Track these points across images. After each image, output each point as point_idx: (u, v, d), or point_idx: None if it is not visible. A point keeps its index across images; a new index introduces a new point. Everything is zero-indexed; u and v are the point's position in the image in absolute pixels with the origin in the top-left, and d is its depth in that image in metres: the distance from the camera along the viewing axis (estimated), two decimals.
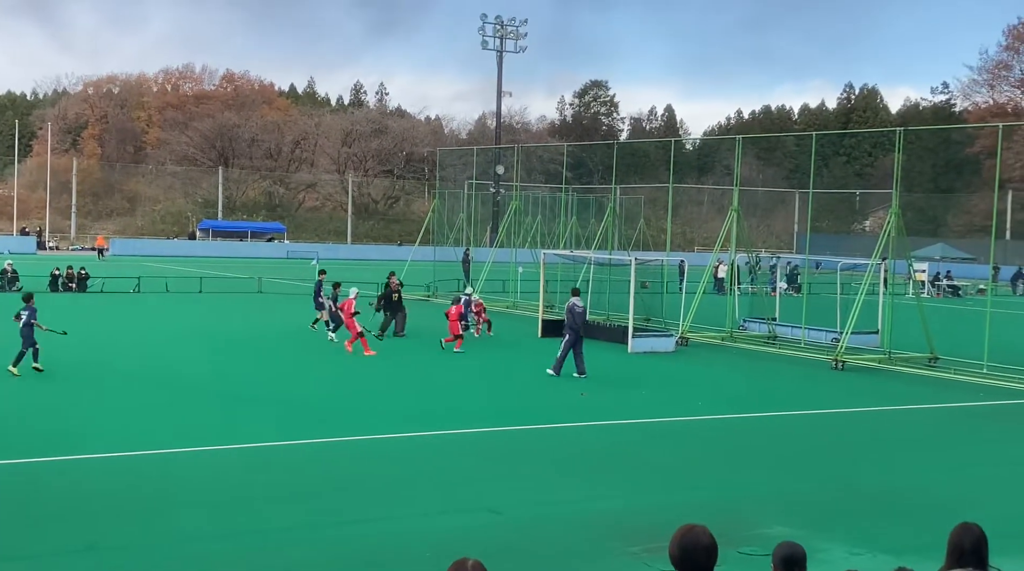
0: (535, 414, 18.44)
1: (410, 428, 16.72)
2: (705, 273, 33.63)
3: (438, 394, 20.51)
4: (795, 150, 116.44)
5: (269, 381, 21.38)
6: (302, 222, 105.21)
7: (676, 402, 20.47)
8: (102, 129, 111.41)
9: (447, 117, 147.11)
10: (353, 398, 19.64)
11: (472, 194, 56.00)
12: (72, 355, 23.94)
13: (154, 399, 18.78)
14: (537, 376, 23.28)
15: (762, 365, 26.82)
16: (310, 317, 30.72)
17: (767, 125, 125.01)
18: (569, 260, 36.66)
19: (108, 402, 18.39)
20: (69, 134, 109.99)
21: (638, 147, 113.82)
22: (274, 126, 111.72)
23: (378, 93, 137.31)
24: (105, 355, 24.11)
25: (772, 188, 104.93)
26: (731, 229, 32.02)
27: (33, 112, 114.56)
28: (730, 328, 31.89)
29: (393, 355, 25.92)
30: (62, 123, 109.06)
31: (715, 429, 18.00)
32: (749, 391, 22.52)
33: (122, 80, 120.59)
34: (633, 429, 17.65)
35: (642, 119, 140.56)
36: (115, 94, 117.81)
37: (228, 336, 28.82)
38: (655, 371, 24.76)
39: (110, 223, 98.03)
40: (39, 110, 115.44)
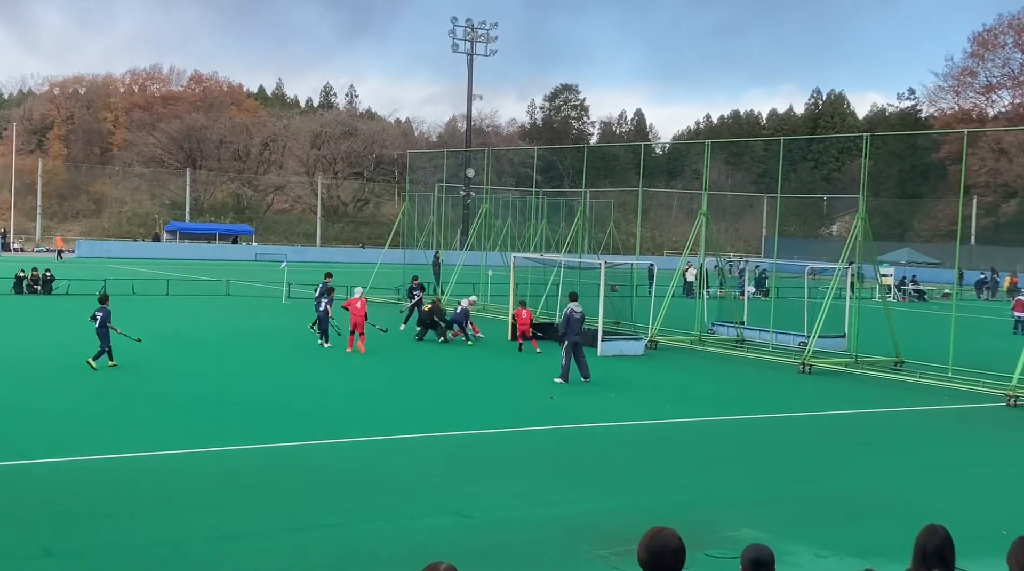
0: (503, 417, 18.43)
1: (377, 432, 16.67)
2: (674, 277, 33.76)
3: (405, 398, 20.45)
4: (763, 155, 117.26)
5: (237, 384, 21.23)
6: (271, 224, 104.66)
7: (645, 405, 20.52)
8: (68, 130, 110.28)
9: (417, 120, 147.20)
10: (321, 402, 19.54)
11: (442, 197, 55.90)
12: (39, 358, 23.68)
13: (120, 402, 18.60)
14: (506, 379, 23.27)
15: (730, 369, 26.94)
16: (280, 320, 30.56)
17: (736, 130, 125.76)
18: (539, 263, 36.67)
19: (73, 405, 18.20)
20: (34, 135, 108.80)
21: (608, 151, 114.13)
22: (242, 128, 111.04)
23: (348, 95, 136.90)
24: (71, 358, 23.85)
25: (741, 192, 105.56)
26: (700, 233, 32.18)
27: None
28: (699, 332, 32.05)
29: (358, 360, 25.81)
30: (27, 123, 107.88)
31: (683, 432, 18.07)
32: (717, 394, 22.62)
33: (89, 80, 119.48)
34: (602, 432, 17.68)
35: (612, 123, 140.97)
36: (81, 95, 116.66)
37: (196, 338, 28.60)
38: (624, 374, 24.81)
39: (76, 225, 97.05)
40: (3, 110, 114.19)
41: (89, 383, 20.63)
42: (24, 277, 41.47)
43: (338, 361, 25.26)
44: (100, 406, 18.20)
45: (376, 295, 42.65)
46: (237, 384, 21.26)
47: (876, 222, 55.58)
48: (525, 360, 26.68)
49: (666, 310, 31.03)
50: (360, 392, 20.89)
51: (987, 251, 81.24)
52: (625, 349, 28.47)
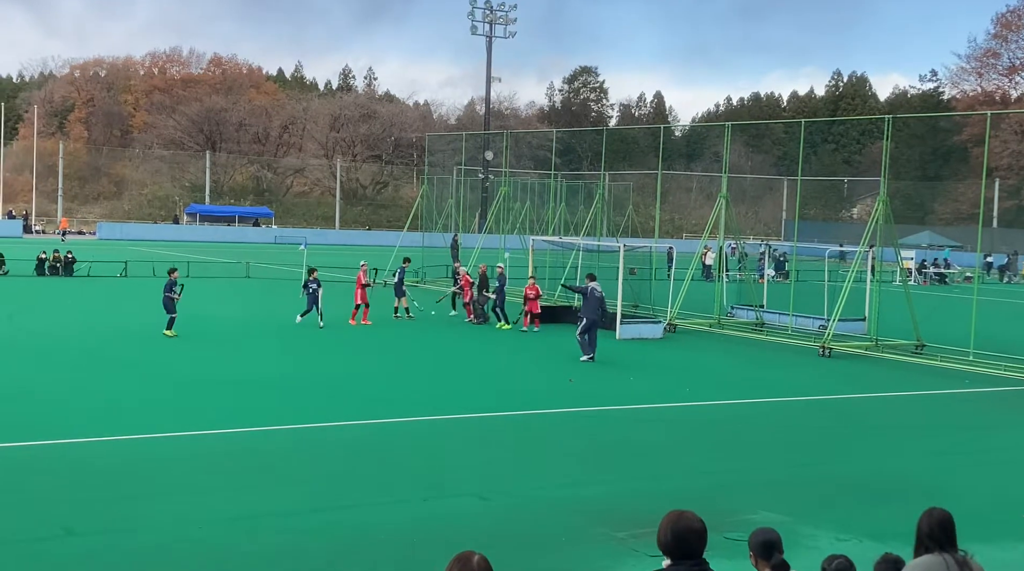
0: (522, 400, 18.47)
1: (396, 414, 16.73)
2: (693, 260, 33.65)
3: (424, 379, 20.51)
4: (784, 137, 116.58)
5: (257, 365, 21.32)
6: (290, 207, 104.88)
7: (663, 389, 20.52)
8: (89, 112, 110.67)
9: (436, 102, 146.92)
10: (340, 383, 19.62)
11: (461, 180, 55.90)
12: (63, 338, 23.86)
13: (143, 384, 18.73)
14: (523, 361, 23.30)
15: (749, 352, 26.88)
16: (299, 302, 30.65)
17: (756, 112, 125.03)
18: (558, 246, 36.65)
19: (99, 387, 18.34)
20: (56, 117, 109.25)
21: (627, 134, 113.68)
22: (262, 110, 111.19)
23: (367, 78, 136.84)
24: (94, 339, 24.02)
25: (761, 175, 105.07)
26: (719, 216, 32.05)
27: (19, 95, 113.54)
28: (718, 315, 31.97)
29: (378, 341, 25.88)
30: (48, 106, 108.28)
31: (702, 416, 18.05)
32: (736, 378, 22.57)
33: (109, 63, 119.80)
34: (620, 415, 17.69)
35: (631, 106, 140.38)
36: (102, 77, 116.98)
37: (217, 320, 28.73)
38: (643, 357, 24.79)
39: (97, 207, 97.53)
40: (25, 93, 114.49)
41: (111, 364, 20.78)
42: (46, 259, 41.75)
43: (356, 342, 25.33)
44: (122, 387, 18.33)
45: None
46: (256, 365, 21.35)
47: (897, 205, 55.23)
48: (542, 341, 26.70)
49: (685, 293, 30.96)
50: (378, 374, 20.95)
51: (1009, 234, 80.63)
52: (644, 332, 28.44)
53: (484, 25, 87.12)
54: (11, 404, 16.54)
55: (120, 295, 35.30)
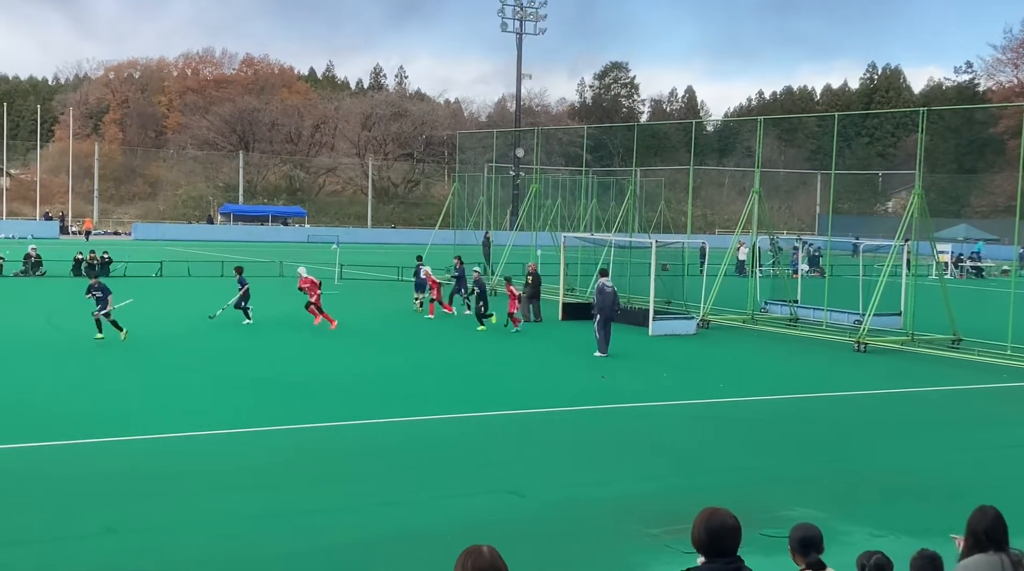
0: (555, 397, 18.50)
1: (431, 411, 16.81)
2: (726, 255, 33.52)
3: (458, 377, 20.60)
4: (817, 131, 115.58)
5: (291, 364, 21.49)
6: (323, 206, 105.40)
7: (697, 385, 20.48)
8: (123, 114, 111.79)
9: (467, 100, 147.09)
10: (373, 382, 19.73)
11: (492, 177, 55.88)
12: (94, 338, 24.14)
13: (182, 383, 18.95)
14: (557, 358, 23.33)
15: (784, 347, 26.77)
16: (332, 300, 30.87)
17: (789, 106, 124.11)
18: (589, 243, 36.62)
19: (135, 384, 18.57)
20: (91, 119, 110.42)
21: (658, 129, 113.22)
22: (294, 110, 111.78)
23: (397, 76, 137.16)
24: (132, 338, 24.31)
25: (794, 169, 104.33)
26: (752, 211, 31.91)
27: (55, 97, 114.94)
28: (751, 310, 31.83)
29: (407, 339, 25.99)
30: (83, 108, 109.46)
31: (735, 412, 18.01)
32: (770, 374, 22.50)
33: (143, 65, 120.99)
34: (654, 412, 17.68)
35: (663, 101, 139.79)
36: (136, 79, 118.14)
37: (254, 318, 28.94)
38: (676, 354, 24.77)
39: (132, 207, 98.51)
40: (60, 95, 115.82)
41: (147, 362, 21.02)
42: (83, 259, 42.23)
43: (385, 341, 25.45)
44: (159, 386, 18.54)
45: None
46: (291, 364, 21.51)
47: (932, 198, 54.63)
48: (574, 338, 26.71)
49: (718, 289, 30.86)
50: (410, 372, 21.04)
51: None
52: (677, 328, 28.38)
53: (514, 22, 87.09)
54: (49, 403, 16.79)
55: (155, 295, 35.65)
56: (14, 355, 21.61)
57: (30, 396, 17.34)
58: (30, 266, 41.42)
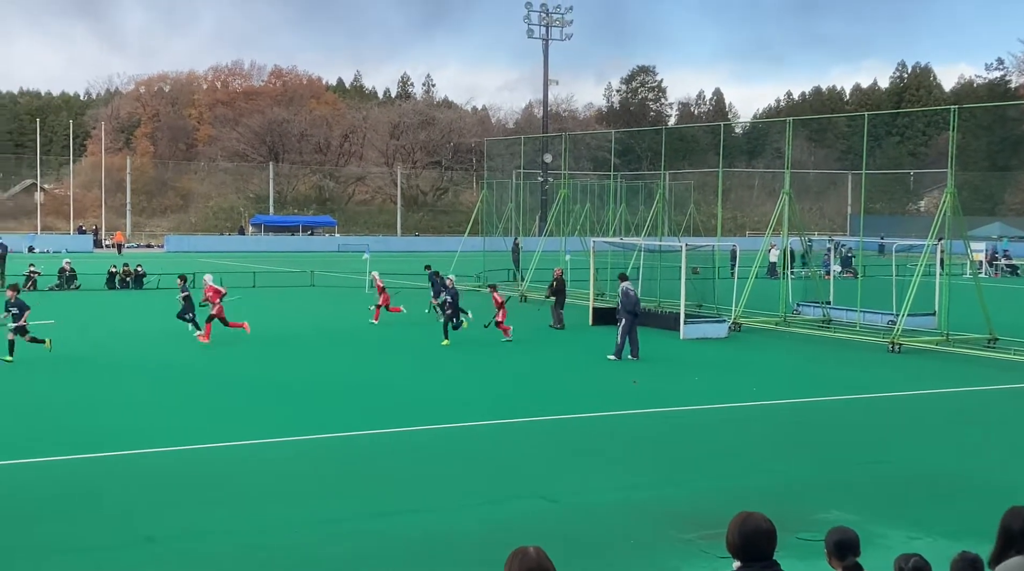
0: (587, 402, 18.45)
1: (462, 417, 16.82)
2: (757, 258, 33.35)
3: (486, 384, 20.60)
4: (847, 131, 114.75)
5: (322, 373, 21.58)
6: (352, 215, 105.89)
7: (729, 388, 20.37)
8: (154, 127, 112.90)
9: (494, 107, 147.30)
10: (403, 389, 19.76)
11: (520, 183, 55.96)
12: (134, 350, 24.35)
13: (216, 393, 19.08)
14: (589, 364, 23.30)
15: (817, 349, 26.59)
16: (362, 309, 31.06)
17: (818, 107, 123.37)
18: (619, 247, 36.55)
19: (163, 397, 18.72)
20: (122, 133, 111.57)
21: (687, 132, 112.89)
22: (322, 120, 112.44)
23: (425, 85, 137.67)
24: (165, 351, 24.50)
25: (824, 170, 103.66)
26: (783, 212, 31.73)
27: (87, 112, 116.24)
28: (783, 313, 31.64)
29: (433, 346, 26.02)
30: (115, 122, 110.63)
31: (769, 415, 17.89)
32: (804, 376, 22.35)
33: (173, 78, 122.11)
34: (686, 416, 17.61)
35: (690, 104, 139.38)
36: (166, 92, 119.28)
37: (284, 329, 29.13)
38: (708, 357, 24.67)
39: (164, 220, 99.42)
40: (92, 110, 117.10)
41: (184, 374, 21.18)
42: (116, 272, 42.65)
43: (414, 348, 25.49)
44: (194, 397, 18.67)
45: (457, 283, 42.85)
46: (320, 372, 21.59)
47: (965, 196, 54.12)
48: (604, 343, 26.64)
49: (749, 291, 30.70)
50: (440, 379, 21.07)
51: None
52: (708, 332, 28.27)
53: (540, 28, 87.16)
54: (85, 414, 16.95)
55: None
56: (50, 370, 21.83)
57: (62, 410, 17.51)
58: (64, 280, 41.86)
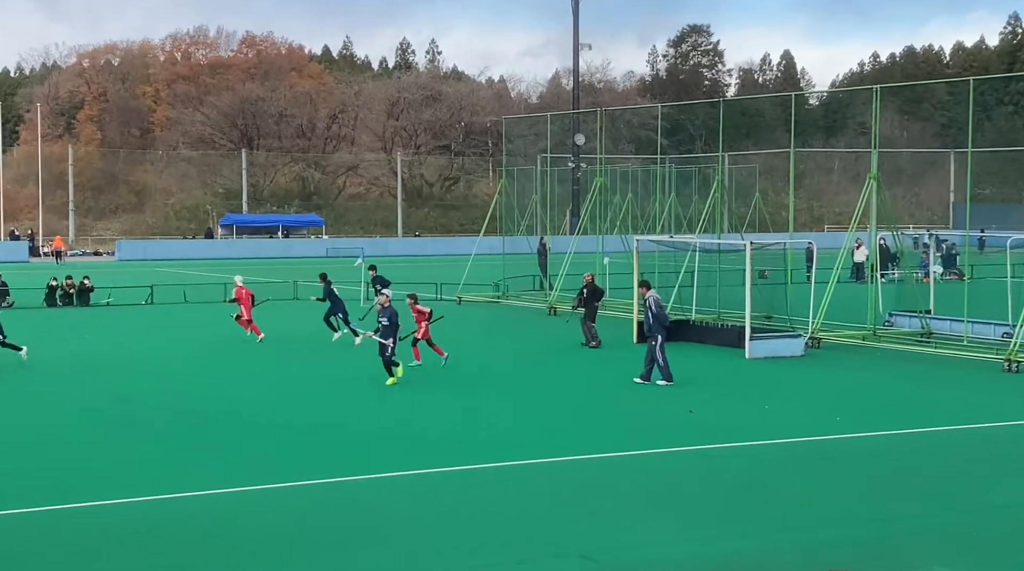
0: (631, 437, 18.42)
1: (481, 458, 16.81)
2: (839, 258, 33.23)
3: (512, 413, 20.58)
4: (948, 100, 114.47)
5: (308, 408, 21.64)
6: (343, 212, 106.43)
7: (807, 418, 20.31)
8: (101, 109, 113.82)
9: (513, 78, 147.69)
10: (402, 426, 19.75)
11: (546, 170, 56.09)
12: (83, 384, 24.50)
13: (190, 433, 19.17)
14: (632, 390, 23.28)
15: (914, 369, 26.49)
16: None
17: (912, 71, 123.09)
18: (669, 247, 36.48)
19: (138, 439, 18.83)
20: (62, 116, 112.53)
21: (749, 105, 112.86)
22: (306, 98, 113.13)
23: (429, 52, 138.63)
24: (122, 383, 24.64)
25: (920, 148, 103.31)
26: (870, 202, 31.64)
27: (18, 91, 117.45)
28: (872, 324, 31.52)
29: (441, 372, 26.05)
30: (53, 103, 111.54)
31: (856, 450, 17.82)
32: (898, 402, 22.26)
33: (123, 49, 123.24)
34: (754, 453, 17.55)
35: (753, 70, 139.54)
36: (115, 66, 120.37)
37: (265, 355, 29.24)
38: (780, 380, 24.61)
39: (115, 221, 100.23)
40: (25, 88, 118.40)
41: (149, 409, 21.29)
42: (57, 286, 42.89)
43: (421, 374, 25.51)
44: (155, 437, 18.78)
45: (472, 293, 43.03)
46: (302, 405, 21.65)
47: None
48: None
49: (829, 299, 30.60)
50: (453, 411, 21.07)
51: None
52: (780, 349, 28.19)
53: None
54: (47, 463, 17.07)
55: (147, 326, 36.11)
56: None
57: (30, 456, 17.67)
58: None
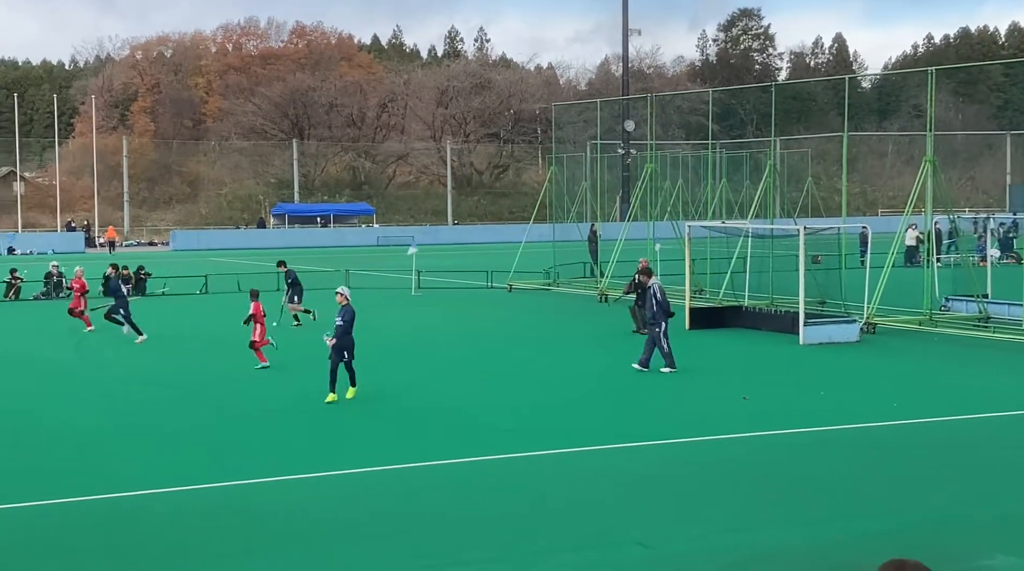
0: (683, 425, 18.37)
1: (527, 447, 16.80)
2: (894, 242, 32.92)
3: (561, 402, 20.55)
4: (1004, 82, 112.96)
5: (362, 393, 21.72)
6: (393, 201, 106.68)
7: (862, 405, 20.13)
8: (154, 101, 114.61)
9: (562, 65, 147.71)
10: (456, 413, 19.78)
11: (596, 157, 55.93)
12: (150, 375, 24.78)
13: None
14: (683, 377, 23.20)
15: (972, 355, 26.24)
16: (410, 314, 31.19)
17: (966, 53, 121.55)
18: (721, 233, 36.31)
19: (182, 427, 19.03)
20: (116, 108, 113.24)
21: (801, 89, 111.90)
22: (355, 87, 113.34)
23: (477, 40, 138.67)
24: (183, 372, 24.89)
25: (975, 131, 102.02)
26: (925, 185, 31.31)
27: (73, 84, 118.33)
28: (928, 309, 31.20)
29: (499, 356, 26.06)
30: (107, 95, 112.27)
31: (913, 437, 17.68)
32: (956, 388, 22.04)
33: (175, 41, 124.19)
34: (809, 440, 17.44)
35: (805, 54, 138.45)
36: (167, 58, 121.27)
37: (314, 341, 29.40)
38: (835, 366, 24.45)
39: (169, 212, 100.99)
40: (80, 81, 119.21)
41: (194, 399, 21.49)
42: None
43: (463, 361, 25.53)
44: (203, 428, 18.94)
45: (523, 280, 43.05)
46: (368, 393, 21.74)
47: None
48: (702, 353, 26.49)
49: (884, 284, 30.34)
50: (499, 398, 21.07)
51: None
52: (835, 335, 28.00)
53: None
54: (92, 450, 17.28)
55: (203, 314, 36.42)
56: (47, 396, 22.30)
57: (67, 442, 17.87)
58: (52, 287, 42.51)
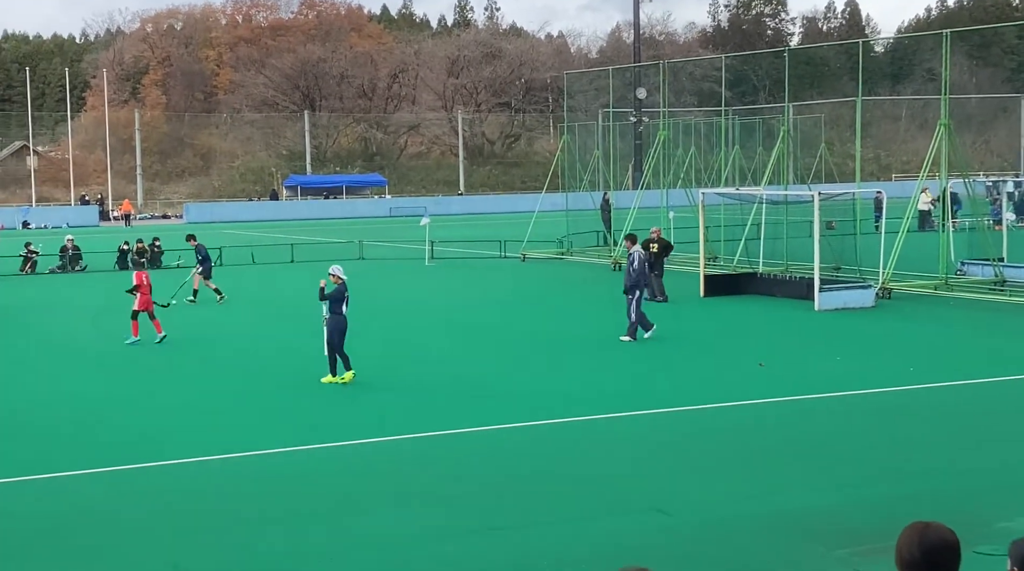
0: (700, 392, 18.39)
1: (549, 414, 16.85)
2: (909, 206, 32.81)
3: (580, 370, 20.59)
4: (1018, 44, 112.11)
5: (387, 363, 21.75)
6: (405, 172, 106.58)
7: (878, 370, 20.11)
8: (165, 74, 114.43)
9: (573, 33, 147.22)
10: (476, 382, 19.84)
11: (608, 125, 55.61)
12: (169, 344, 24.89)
13: (256, 389, 19.40)
14: (698, 344, 23.22)
15: (988, 318, 26.21)
16: (425, 284, 31.22)
17: (980, 15, 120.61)
18: (735, 200, 36.21)
19: (202, 396, 19.11)
20: (127, 82, 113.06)
21: (814, 54, 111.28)
22: (366, 58, 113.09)
23: (487, 9, 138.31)
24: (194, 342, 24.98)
25: (990, 94, 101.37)
26: (940, 149, 31.15)
27: (84, 58, 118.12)
28: (944, 273, 31.10)
29: (517, 327, 26.08)
30: (118, 69, 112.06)
31: (930, 401, 17.68)
32: (973, 352, 22.03)
33: (185, 13, 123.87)
34: (826, 405, 17.45)
35: (818, 18, 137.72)
36: (178, 31, 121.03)
37: None
38: (850, 332, 24.41)
39: (182, 185, 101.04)
40: (91, 55, 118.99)
41: (212, 371, 21.57)
42: (128, 249, 43.40)
43: (482, 330, 25.56)
44: (219, 402, 19.01)
45: (536, 250, 43.05)
46: (386, 363, 21.78)
47: None
48: (719, 320, 26.48)
49: (899, 248, 30.24)
50: (516, 367, 21.12)
51: None
52: (850, 301, 27.95)
53: None
54: (112, 424, 17.38)
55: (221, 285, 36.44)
56: (68, 368, 22.40)
57: (89, 415, 17.96)
58: (68, 260, 42.75)
